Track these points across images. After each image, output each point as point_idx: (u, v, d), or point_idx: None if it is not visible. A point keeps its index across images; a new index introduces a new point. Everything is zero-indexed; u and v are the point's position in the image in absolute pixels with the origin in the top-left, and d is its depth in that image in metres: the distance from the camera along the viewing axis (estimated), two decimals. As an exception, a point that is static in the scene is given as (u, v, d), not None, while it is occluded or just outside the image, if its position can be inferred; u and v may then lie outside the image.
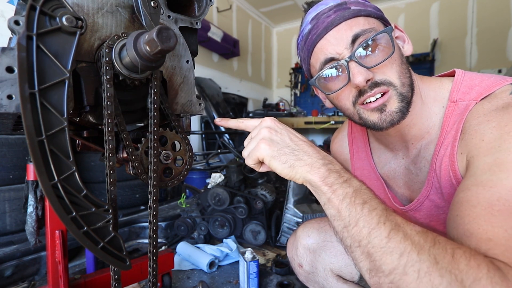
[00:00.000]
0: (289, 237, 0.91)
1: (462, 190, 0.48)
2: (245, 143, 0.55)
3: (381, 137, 0.70)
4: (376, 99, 0.58)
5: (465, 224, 0.44)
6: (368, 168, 0.77)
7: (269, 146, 0.50)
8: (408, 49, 0.63)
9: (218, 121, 0.62)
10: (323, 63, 0.60)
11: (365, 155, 0.78)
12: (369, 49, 0.57)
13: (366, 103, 0.59)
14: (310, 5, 0.65)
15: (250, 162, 0.53)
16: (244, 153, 0.54)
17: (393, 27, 0.61)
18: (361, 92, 0.58)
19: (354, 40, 0.57)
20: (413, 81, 0.60)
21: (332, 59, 0.59)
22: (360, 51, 0.56)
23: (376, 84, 0.57)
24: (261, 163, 0.54)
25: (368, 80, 0.56)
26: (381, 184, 0.74)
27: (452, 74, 0.64)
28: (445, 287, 0.35)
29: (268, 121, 0.53)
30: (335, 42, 0.58)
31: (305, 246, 0.83)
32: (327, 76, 0.61)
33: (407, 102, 0.58)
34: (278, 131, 0.52)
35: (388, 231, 0.40)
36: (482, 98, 0.55)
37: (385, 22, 0.61)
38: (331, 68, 0.59)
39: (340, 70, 0.59)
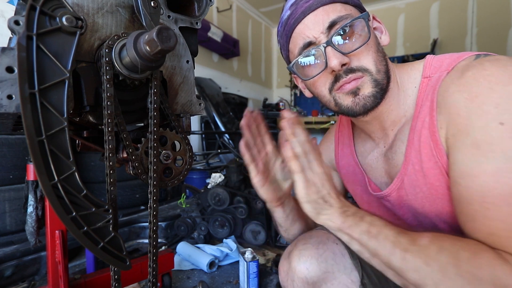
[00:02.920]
0: (281, 259, 0.76)
1: (453, 185, 0.51)
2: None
3: (362, 126, 0.71)
4: (351, 82, 0.59)
5: (468, 222, 0.49)
6: (353, 164, 0.78)
7: (306, 188, 0.55)
8: (385, 40, 0.64)
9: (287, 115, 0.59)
10: (301, 48, 0.60)
11: (349, 151, 0.79)
12: (346, 35, 0.57)
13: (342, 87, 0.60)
14: None
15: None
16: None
17: (371, 16, 0.62)
18: (336, 78, 0.59)
19: (331, 26, 0.57)
20: (389, 69, 0.61)
21: (310, 44, 0.59)
22: (338, 39, 0.57)
23: (351, 70, 0.57)
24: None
25: (344, 64, 0.56)
26: (361, 174, 0.75)
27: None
28: None
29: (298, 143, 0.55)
30: (312, 26, 0.58)
31: (303, 280, 0.69)
32: (304, 63, 0.62)
33: (381, 88, 0.58)
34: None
35: (400, 253, 0.48)
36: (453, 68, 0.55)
37: (362, 10, 0.62)
38: (308, 55, 0.60)
39: (318, 56, 0.59)
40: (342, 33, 0.57)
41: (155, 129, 0.54)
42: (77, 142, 0.67)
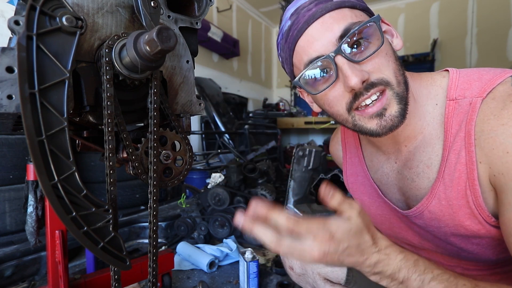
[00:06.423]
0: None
1: (508, 224, 0.46)
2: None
3: (373, 139, 0.66)
4: (372, 101, 0.52)
5: None
6: (362, 174, 0.74)
7: None
8: (398, 44, 0.58)
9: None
10: (307, 62, 0.54)
11: (358, 160, 0.75)
12: (360, 43, 0.50)
13: (362, 107, 0.53)
14: (288, 1, 0.58)
15: None
16: None
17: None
18: (356, 95, 0.52)
19: (342, 36, 0.50)
20: (407, 80, 0.55)
21: (318, 56, 0.52)
22: (346, 47, 0.50)
23: (372, 85, 0.51)
24: None
25: (364, 81, 0.50)
26: (374, 191, 0.71)
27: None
28: None
29: None
30: (319, 36, 0.51)
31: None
32: (310, 77, 0.54)
33: (405, 103, 0.53)
34: None
35: None
36: (487, 94, 0.50)
37: (370, 14, 0.56)
38: (315, 68, 0.53)
39: (328, 69, 0.52)
40: (355, 39, 0.50)
41: (155, 129, 0.54)
42: (77, 142, 0.67)
